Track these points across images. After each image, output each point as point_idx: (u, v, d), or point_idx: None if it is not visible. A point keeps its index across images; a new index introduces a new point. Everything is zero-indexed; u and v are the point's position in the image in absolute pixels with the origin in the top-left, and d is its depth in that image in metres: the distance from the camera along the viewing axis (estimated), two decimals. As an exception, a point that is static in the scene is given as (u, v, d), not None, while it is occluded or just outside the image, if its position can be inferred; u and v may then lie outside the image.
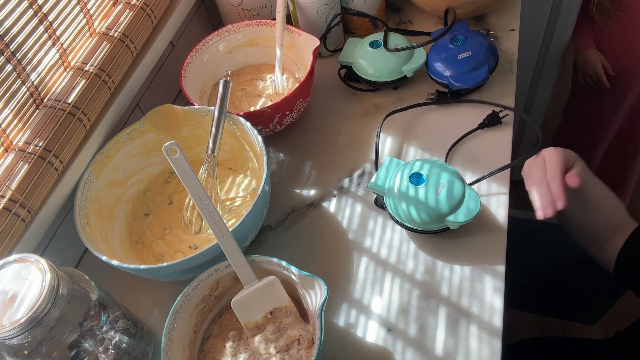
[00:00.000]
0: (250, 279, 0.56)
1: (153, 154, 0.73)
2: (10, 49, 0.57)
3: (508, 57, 0.83)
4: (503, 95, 0.78)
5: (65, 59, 0.66)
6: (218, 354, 0.57)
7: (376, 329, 0.59)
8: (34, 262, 0.46)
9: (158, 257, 0.66)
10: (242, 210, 0.69)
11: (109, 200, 0.68)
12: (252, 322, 0.57)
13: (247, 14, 0.90)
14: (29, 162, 0.58)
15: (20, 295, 0.44)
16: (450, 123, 0.76)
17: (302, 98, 0.75)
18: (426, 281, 0.61)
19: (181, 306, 0.55)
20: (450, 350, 0.56)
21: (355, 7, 0.88)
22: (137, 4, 0.74)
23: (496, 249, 0.62)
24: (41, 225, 0.60)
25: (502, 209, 0.65)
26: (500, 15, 0.90)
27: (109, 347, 0.52)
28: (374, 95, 0.84)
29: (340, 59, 0.84)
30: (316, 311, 0.51)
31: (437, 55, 0.78)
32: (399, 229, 0.67)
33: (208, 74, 0.83)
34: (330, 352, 0.58)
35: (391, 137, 0.77)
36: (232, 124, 0.69)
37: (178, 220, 0.70)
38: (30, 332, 0.43)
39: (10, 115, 0.58)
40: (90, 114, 0.65)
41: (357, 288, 0.62)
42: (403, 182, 0.63)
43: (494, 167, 0.69)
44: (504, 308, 0.58)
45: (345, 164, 0.75)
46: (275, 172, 0.77)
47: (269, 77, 0.84)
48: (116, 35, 0.70)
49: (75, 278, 0.49)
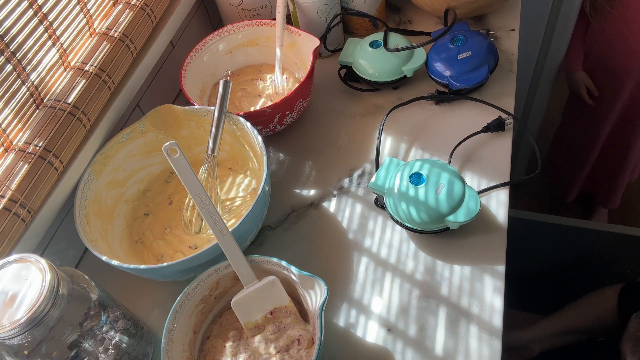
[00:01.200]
0: (250, 279, 0.56)
1: (153, 154, 0.73)
2: (10, 49, 0.57)
3: (508, 57, 0.83)
4: (503, 95, 0.78)
5: (65, 59, 0.66)
6: (218, 354, 0.57)
7: (376, 329, 0.59)
8: (34, 262, 0.46)
9: (158, 257, 0.66)
10: (242, 210, 0.69)
11: (109, 200, 0.68)
12: (252, 322, 0.57)
13: (247, 14, 0.90)
14: (29, 162, 0.58)
15: (20, 295, 0.44)
16: (450, 124, 0.76)
17: (302, 98, 0.75)
18: (426, 281, 0.61)
19: (181, 306, 0.55)
20: (450, 350, 0.56)
21: (355, 7, 0.88)
22: (137, 4, 0.74)
23: (496, 249, 0.62)
24: (41, 225, 0.60)
25: (502, 209, 0.65)
26: (500, 15, 0.90)
27: (109, 347, 0.52)
28: (374, 95, 0.84)
29: (340, 59, 0.84)
30: (316, 311, 0.51)
31: (437, 55, 0.78)
32: (399, 229, 0.67)
33: (208, 74, 0.83)
34: (330, 352, 0.58)
35: (391, 137, 0.77)
36: (232, 124, 0.69)
37: (178, 220, 0.70)
38: (30, 332, 0.43)
39: (10, 115, 0.58)
40: (90, 114, 0.65)
41: (357, 288, 0.63)
42: (403, 182, 0.63)
43: (493, 171, 0.69)
44: (504, 308, 0.58)
45: (345, 164, 0.75)
46: (275, 172, 0.77)
47: (269, 77, 0.84)
48: (116, 35, 0.70)
49: (75, 278, 0.49)
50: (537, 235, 1.48)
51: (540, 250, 1.45)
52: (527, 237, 1.45)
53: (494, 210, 0.66)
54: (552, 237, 1.48)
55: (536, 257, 1.43)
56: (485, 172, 0.70)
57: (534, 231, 1.47)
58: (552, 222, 1.46)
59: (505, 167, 0.70)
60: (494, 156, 0.71)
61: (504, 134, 0.73)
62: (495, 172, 0.69)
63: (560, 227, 1.45)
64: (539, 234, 1.48)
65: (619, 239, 1.41)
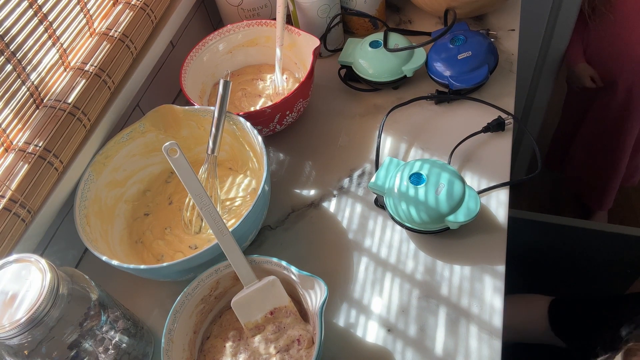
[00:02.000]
0: (250, 279, 0.56)
1: (153, 154, 0.73)
2: (10, 49, 0.57)
3: (508, 57, 0.83)
4: (503, 95, 0.78)
5: (65, 59, 0.66)
6: (218, 354, 0.57)
7: (376, 329, 0.59)
8: (34, 262, 0.46)
9: (158, 257, 0.66)
10: (242, 210, 0.69)
11: (109, 200, 0.68)
12: (252, 322, 0.57)
13: (247, 14, 0.90)
14: (29, 162, 0.58)
15: (20, 295, 0.44)
16: (450, 124, 0.76)
17: (302, 98, 0.75)
18: (426, 281, 0.61)
19: (181, 306, 0.55)
20: (450, 350, 0.56)
21: (355, 7, 0.88)
22: (137, 4, 0.74)
23: (496, 249, 0.62)
24: (41, 225, 0.60)
25: (502, 209, 0.65)
26: (500, 15, 0.90)
27: (109, 347, 0.52)
28: (374, 95, 0.84)
29: (340, 59, 0.84)
30: (316, 311, 0.51)
31: (437, 55, 0.78)
32: (399, 229, 0.67)
33: (208, 74, 0.83)
34: (330, 352, 0.58)
35: (391, 137, 0.77)
36: (232, 124, 0.69)
37: (178, 220, 0.70)
38: (30, 332, 0.43)
39: (10, 115, 0.58)
40: (90, 114, 0.65)
41: (357, 288, 0.63)
42: (403, 182, 0.63)
43: (493, 171, 0.69)
44: (504, 308, 0.58)
45: (345, 164, 0.75)
46: (275, 172, 0.77)
47: (269, 77, 0.84)
48: (116, 35, 0.70)
49: (75, 278, 0.49)
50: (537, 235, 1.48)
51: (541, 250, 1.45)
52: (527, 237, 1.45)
53: (494, 210, 0.66)
54: (552, 237, 1.48)
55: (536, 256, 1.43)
56: (485, 172, 0.70)
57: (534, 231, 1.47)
58: (552, 222, 1.46)
59: (505, 167, 0.70)
60: (494, 156, 0.71)
61: (504, 134, 0.73)
62: (495, 172, 0.69)
63: (560, 227, 1.45)
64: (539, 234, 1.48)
65: (619, 239, 1.41)
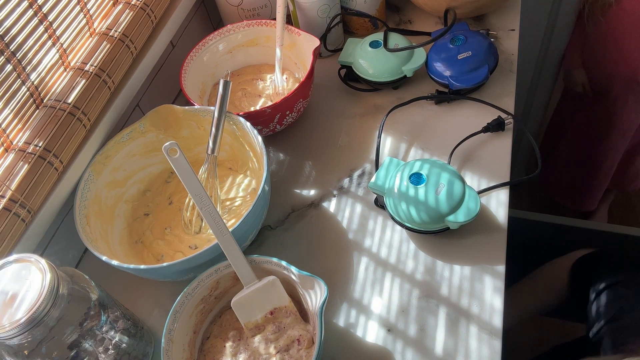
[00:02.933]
0: (250, 279, 0.56)
1: (153, 154, 0.73)
2: (10, 49, 0.57)
3: (508, 57, 0.83)
4: (503, 95, 0.78)
5: (65, 59, 0.66)
6: (218, 354, 0.57)
7: (376, 329, 0.59)
8: (34, 262, 0.46)
9: (158, 257, 0.66)
10: (242, 210, 0.69)
11: (109, 200, 0.68)
12: (252, 322, 0.57)
13: (247, 14, 0.90)
14: (29, 162, 0.58)
15: (20, 295, 0.44)
16: (450, 124, 0.76)
17: (302, 98, 0.75)
18: (426, 281, 0.61)
19: (181, 306, 0.55)
20: (450, 350, 0.56)
21: (355, 7, 0.88)
22: (137, 4, 0.74)
23: (496, 249, 0.62)
24: (41, 225, 0.60)
25: (502, 209, 0.65)
26: (500, 15, 0.90)
27: (109, 347, 0.52)
28: (374, 95, 0.84)
29: (340, 59, 0.84)
30: (316, 311, 0.51)
31: (437, 55, 0.78)
32: (399, 229, 0.67)
33: (208, 74, 0.83)
34: (330, 352, 0.58)
35: (391, 137, 0.77)
36: (232, 124, 0.69)
37: (178, 220, 0.70)
38: (30, 332, 0.43)
39: (10, 115, 0.58)
40: (90, 114, 0.65)
41: (357, 288, 0.63)
42: (403, 182, 0.63)
43: (493, 171, 0.69)
44: (504, 308, 0.58)
45: (345, 164, 0.75)
46: (275, 172, 0.77)
47: (269, 77, 0.84)
48: (116, 35, 0.70)
49: (75, 278, 0.49)
50: (537, 235, 1.48)
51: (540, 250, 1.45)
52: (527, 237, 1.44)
53: (494, 210, 0.66)
54: (552, 237, 1.47)
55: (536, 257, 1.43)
56: (485, 172, 0.70)
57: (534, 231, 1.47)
58: (552, 222, 1.46)
59: (505, 167, 0.70)
60: (493, 156, 0.71)
61: (503, 134, 0.73)
62: (495, 172, 0.69)
63: (560, 227, 1.45)
64: (539, 234, 1.48)
65: (619, 239, 1.41)
